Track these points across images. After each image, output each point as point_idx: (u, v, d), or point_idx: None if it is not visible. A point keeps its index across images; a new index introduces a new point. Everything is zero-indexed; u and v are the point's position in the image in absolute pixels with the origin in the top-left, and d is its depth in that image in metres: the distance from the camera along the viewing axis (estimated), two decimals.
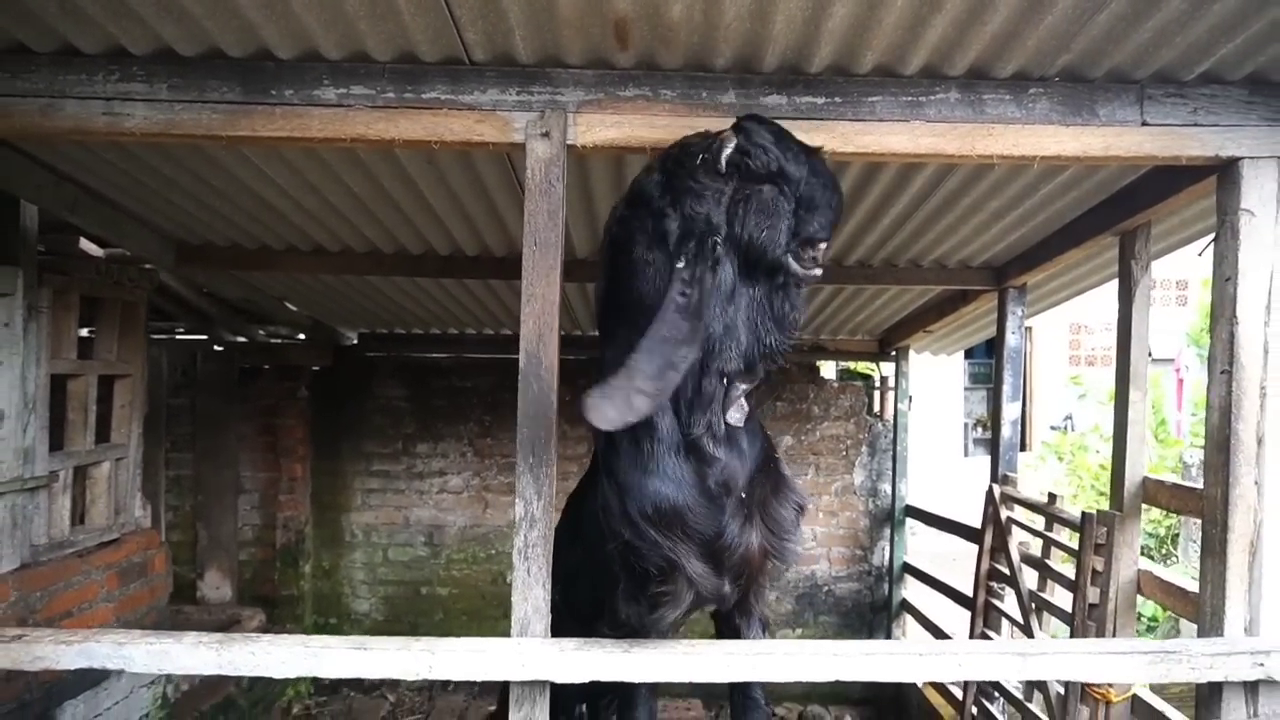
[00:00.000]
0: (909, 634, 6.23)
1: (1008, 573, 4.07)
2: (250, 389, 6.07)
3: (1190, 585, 2.88)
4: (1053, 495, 3.94)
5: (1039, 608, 3.78)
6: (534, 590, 2.29)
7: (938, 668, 2.32)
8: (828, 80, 2.36)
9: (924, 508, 5.95)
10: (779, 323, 2.05)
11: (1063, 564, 3.69)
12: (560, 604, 2.89)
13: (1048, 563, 3.78)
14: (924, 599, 5.94)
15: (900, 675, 2.25)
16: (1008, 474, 4.38)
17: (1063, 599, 3.59)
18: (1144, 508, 3.34)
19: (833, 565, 6.33)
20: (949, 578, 5.38)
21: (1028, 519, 4.19)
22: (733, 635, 2.62)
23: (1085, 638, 3.26)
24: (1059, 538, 3.73)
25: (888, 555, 6.27)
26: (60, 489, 3.68)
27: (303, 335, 6.09)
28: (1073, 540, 3.53)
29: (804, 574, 6.30)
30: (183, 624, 5.07)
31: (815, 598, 6.32)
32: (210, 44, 2.26)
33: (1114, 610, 3.23)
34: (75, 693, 3.58)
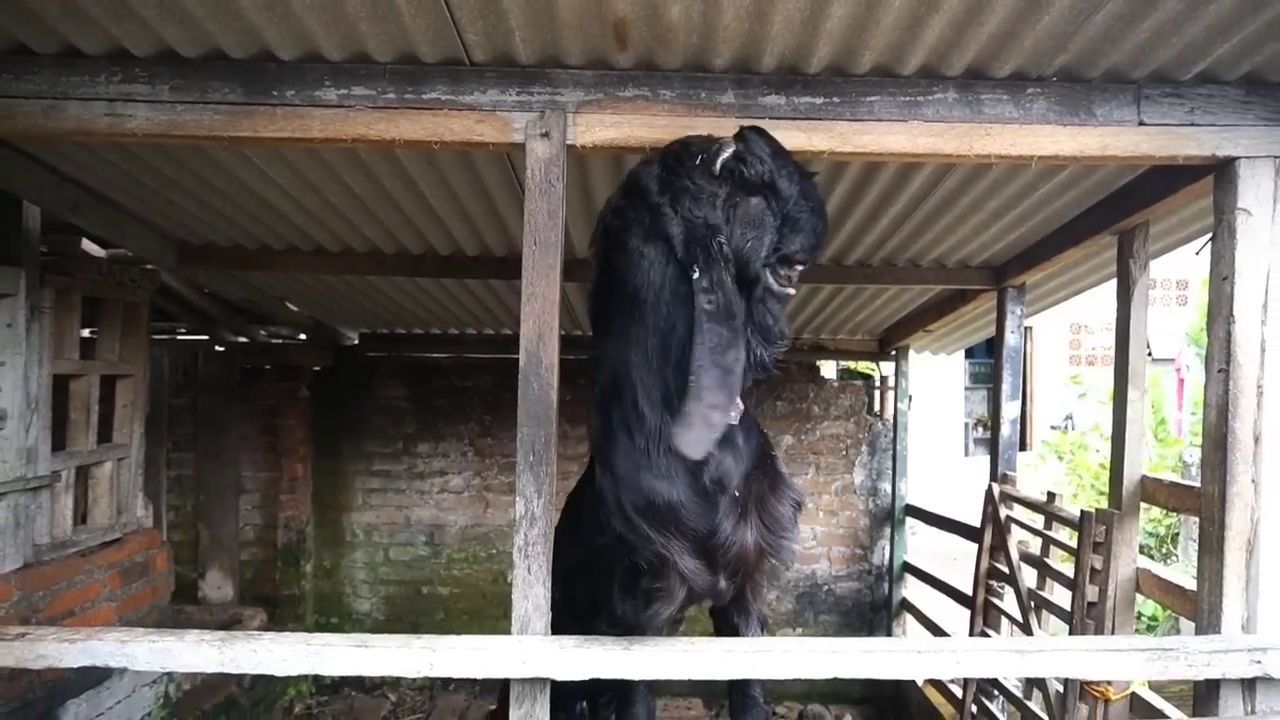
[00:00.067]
0: (909, 633, 6.24)
1: (1007, 571, 4.08)
2: (251, 389, 6.08)
3: (1189, 583, 2.89)
4: (1051, 494, 3.95)
5: (1038, 606, 3.79)
6: (534, 588, 2.30)
7: (936, 665, 2.34)
8: (826, 80, 2.37)
9: (924, 507, 5.96)
10: (764, 333, 2.07)
11: (1062, 563, 3.70)
12: (560, 602, 2.91)
13: (1047, 561, 3.79)
14: (924, 598, 5.95)
15: (899, 672, 2.26)
16: (1007, 473, 4.39)
17: (1062, 597, 3.60)
18: (1145, 507, 3.36)
19: (833, 564, 6.34)
20: (950, 577, 5.39)
21: (1027, 518, 4.20)
22: (731, 634, 2.63)
23: (1084, 636, 3.27)
24: (1058, 536, 3.74)
25: (888, 554, 6.28)
26: (63, 489, 3.69)
27: (304, 335, 6.11)
28: (1072, 539, 3.54)
29: (804, 573, 6.31)
30: (184, 623, 5.08)
31: (815, 597, 6.33)
32: (212, 45, 2.28)
33: (1113, 608, 3.24)
34: (78, 691, 3.60)
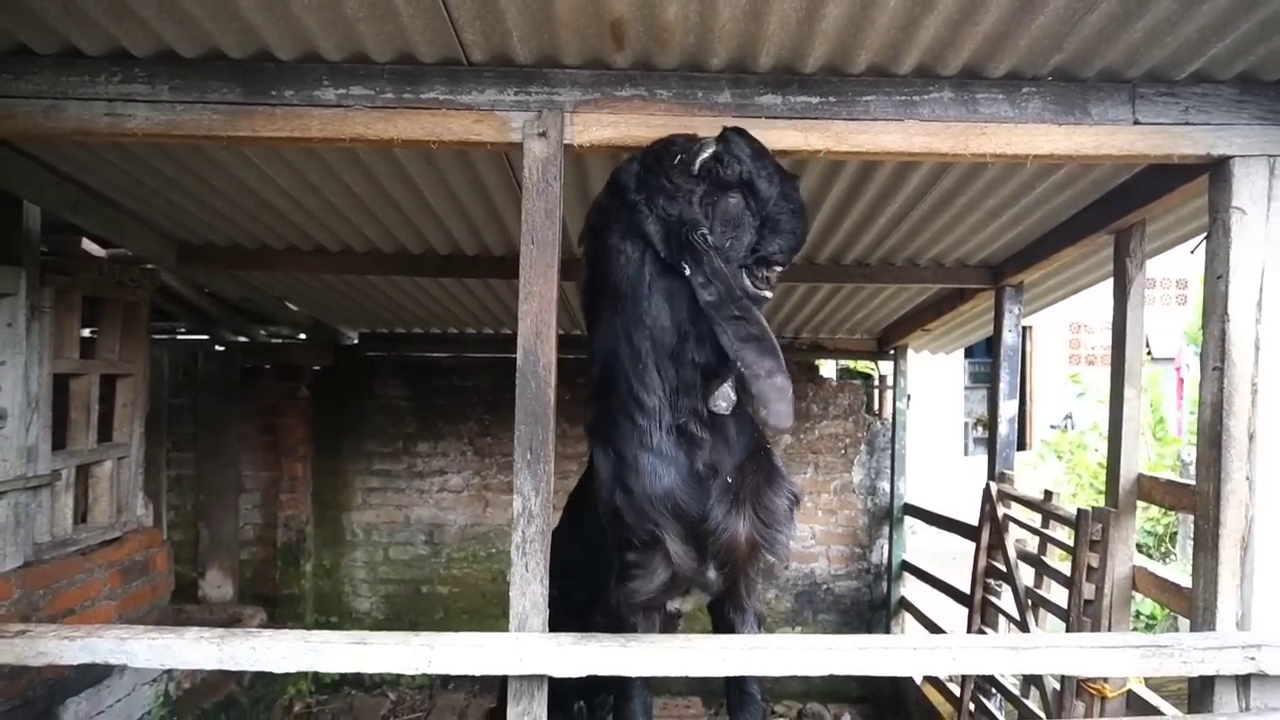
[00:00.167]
0: (908, 632, 6.25)
1: (1005, 570, 4.09)
2: (251, 388, 6.09)
3: (1185, 581, 2.90)
4: (1049, 492, 3.96)
5: (1035, 604, 3.80)
6: (532, 586, 2.31)
7: (932, 662, 2.35)
8: (822, 80, 2.38)
9: (924, 506, 5.97)
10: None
11: (1059, 561, 3.71)
12: (559, 600, 2.92)
13: (1044, 559, 3.80)
14: (923, 597, 5.96)
15: (894, 669, 2.27)
16: (1005, 471, 4.40)
17: (1059, 595, 3.61)
18: (1144, 506, 3.36)
19: (832, 563, 6.35)
20: (949, 576, 5.40)
21: (1025, 516, 4.21)
22: (728, 631, 2.63)
23: (1079, 633, 3.28)
24: (1055, 535, 3.75)
25: (886, 553, 6.29)
26: (63, 488, 3.71)
27: (304, 335, 6.12)
28: (1069, 537, 3.55)
29: (803, 572, 6.32)
30: (184, 622, 5.08)
31: (814, 596, 6.34)
32: (211, 45, 2.29)
33: (1109, 606, 3.25)
34: (78, 690, 3.61)
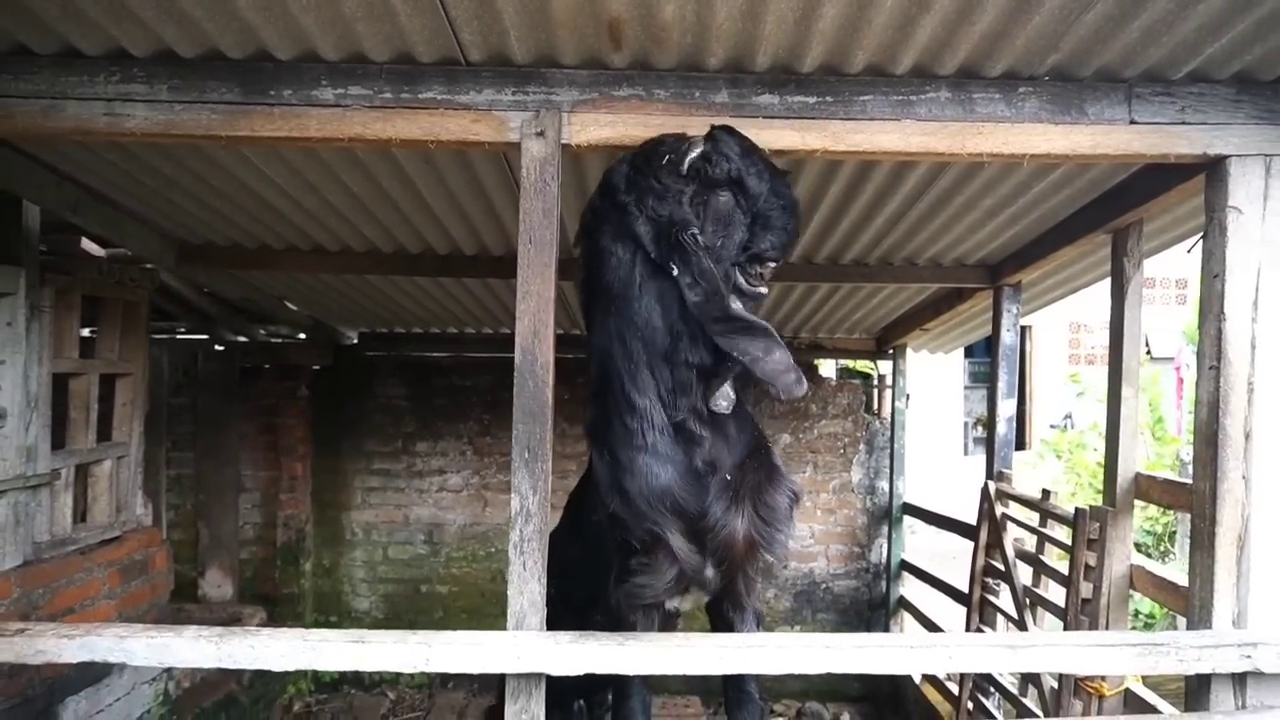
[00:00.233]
0: (907, 631, 6.25)
1: (1003, 569, 4.10)
2: (251, 388, 6.10)
3: (1182, 580, 2.90)
4: (1046, 491, 3.96)
5: (1033, 603, 3.81)
6: (529, 584, 2.32)
7: (929, 660, 2.35)
8: (819, 80, 2.39)
9: (924, 506, 5.97)
10: None
11: (1058, 560, 3.72)
12: (559, 599, 2.93)
13: (1042, 558, 3.80)
14: (922, 596, 5.96)
15: (891, 667, 2.27)
16: (1003, 471, 4.40)
17: (1057, 594, 3.62)
18: (1144, 506, 3.37)
19: (831, 563, 6.36)
20: (949, 576, 5.40)
21: (1023, 515, 4.22)
22: (726, 629, 2.64)
23: (1076, 631, 3.28)
24: (1053, 534, 3.76)
25: (885, 553, 6.30)
26: (62, 487, 3.71)
27: (303, 335, 6.12)
28: (1067, 536, 3.56)
29: (802, 571, 6.33)
30: (184, 621, 5.04)
31: (813, 595, 6.35)
32: (210, 45, 2.29)
33: (1107, 605, 3.26)
34: (77, 689, 3.62)
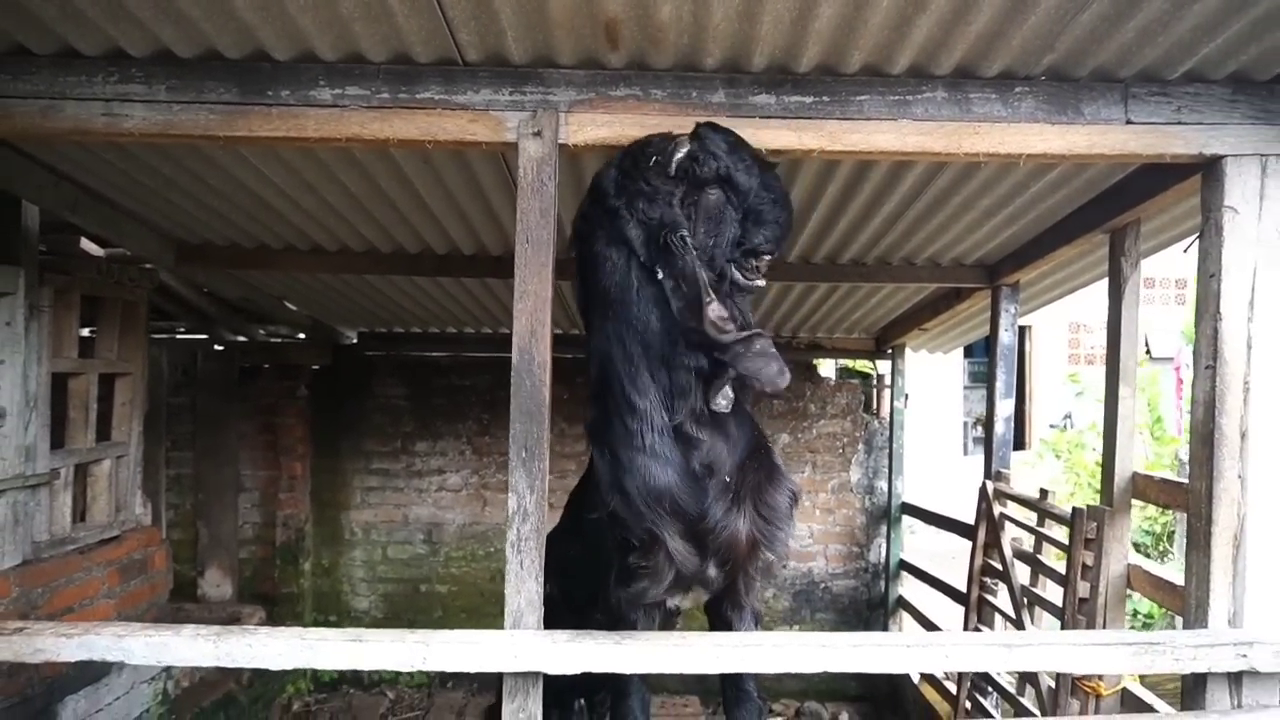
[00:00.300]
0: (905, 631, 6.26)
1: (1001, 568, 4.10)
2: (250, 388, 6.11)
3: (1179, 579, 2.91)
4: (1044, 491, 3.97)
5: (1031, 602, 3.81)
6: (527, 583, 2.32)
7: (925, 659, 2.36)
8: (816, 80, 2.39)
9: (924, 506, 5.97)
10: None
11: (1056, 560, 3.72)
12: (559, 598, 2.94)
13: (1040, 558, 3.81)
14: (921, 596, 5.96)
15: (887, 666, 2.27)
16: (1001, 470, 4.40)
17: (1054, 594, 3.62)
18: (1143, 505, 3.38)
19: (829, 562, 6.36)
20: (949, 575, 5.39)
21: (1021, 515, 4.22)
22: (725, 628, 2.65)
23: (1073, 630, 3.29)
24: (1051, 533, 3.76)
25: (884, 552, 6.30)
26: (61, 486, 3.72)
27: (302, 334, 6.13)
28: (1066, 536, 3.56)
29: (801, 571, 6.33)
30: (183, 621, 5.07)
31: (812, 595, 6.35)
32: (208, 46, 2.30)
33: (1104, 604, 3.26)
34: (76, 688, 3.62)
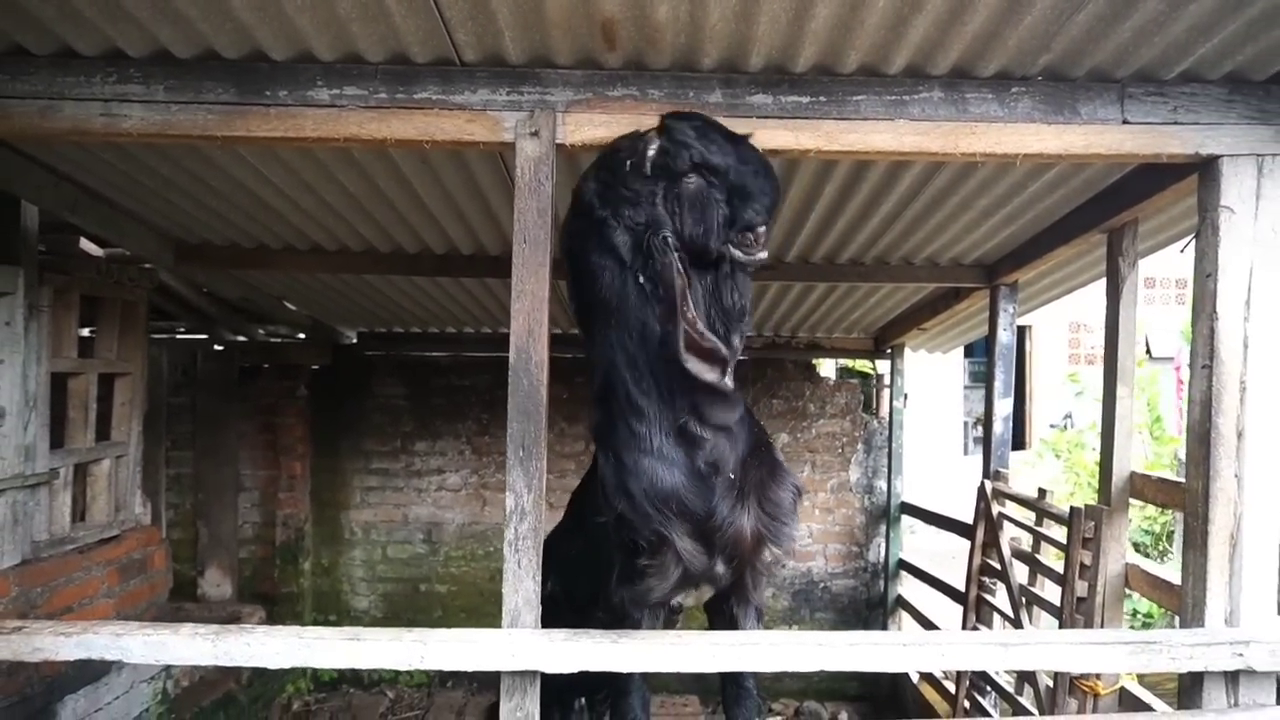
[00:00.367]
0: (904, 630, 6.26)
1: (999, 567, 4.11)
2: (250, 388, 6.11)
3: (1177, 578, 2.91)
4: (1042, 490, 3.97)
5: (1029, 602, 3.82)
6: (524, 582, 2.33)
7: (921, 657, 2.36)
8: (813, 80, 2.40)
9: (924, 506, 5.97)
10: (726, 314, 2.12)
11: (1054, 559, 3.72)
12: (562, 596, 2.95)
13: (1038, 557, 3.81)
14: (920, 595, 5.97)
15: (884, 665, 2.28)
16: (999, 470, 4.41)
17: (1052, 593, 3.63)
18: (1142, 505, 3.38)
19: (829, 562, 6.36)
20: (949, 575, 5.39)
21: (1020, 514, 4.23)
22: (728, 624, 2.66)
23: (1070, 629, 3.29)
24: (1049, 532, 3.76)
25: (883, 552, 6.30)
26: (61, 486, 3.73)
27: (302, 334, 6.14)
28: (1063, 535, 3.57)
29: (800, 570, 6.34)
30: (183, 620, 5.09)
31: (811, 594, 6.36)
32: (205, 46, 2.31)
33: (1102, 603, 3.27)
34: (76, 687, 3.63)
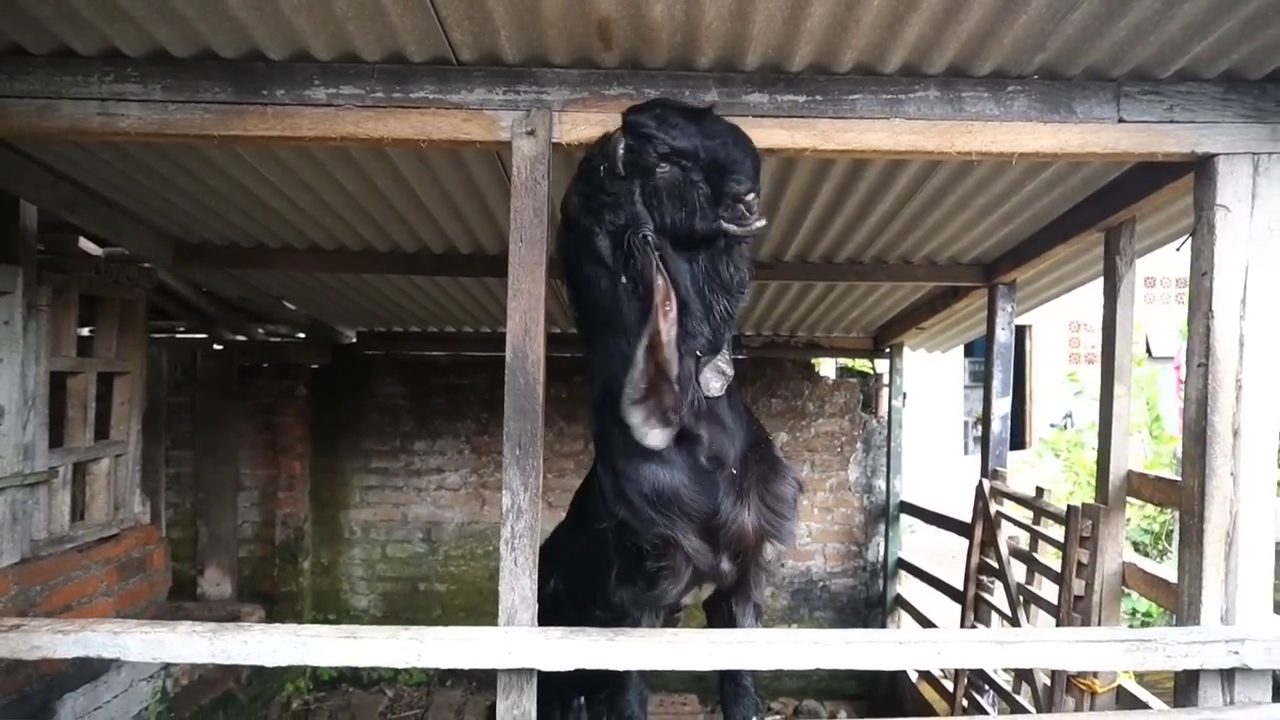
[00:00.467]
0: (903, 629, 6.26)
1: (997, 566, 4.11)
2: (250, 387, 6.12)
3: (1174, 577, 2.91)
4: (1040, 489, 3.97)
5: (1027, 600, 3.82)
6: (521, 580, 2.33)
7: (917, 655, 2.37)
8: (809, 79, 2.40)
9: (924, 505, 5.97)
10: (725, 288, 2.12)
11: (1052, 558, 3.73)
12: (564, 594, 2.95)
13: (1036, 556, 3.81)
14: (919, 595, 5.97)
15: (880, 663, 2.28)
16: (997, 469, 4.41)
17: (1050, 592, 3.63)
18: (1141, 505, 3.38)
19: (828, 561, 6.37)
20: (948, 574, 5.38)
21: (1018, 513, 4.23)
22: (727, 621, 2.66)
23: (1066, 628, 3.29)
24: (1047, 531, 3.77)
25: (882, 551, 6.31)
26: (60, 485, 3.73)
27: (301, 334, 6.14)
28: (1061, 534, 3.57)
29: (799, 569, 6.34)
30: (182, 619, 5.09)
31: (810, 593, 6.36)
32: (203, 45, 2.31)
33: (1099, 602, 3.27)
34: (75, 686, 3.63)
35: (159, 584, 4.45)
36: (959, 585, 4.85)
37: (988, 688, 4.19)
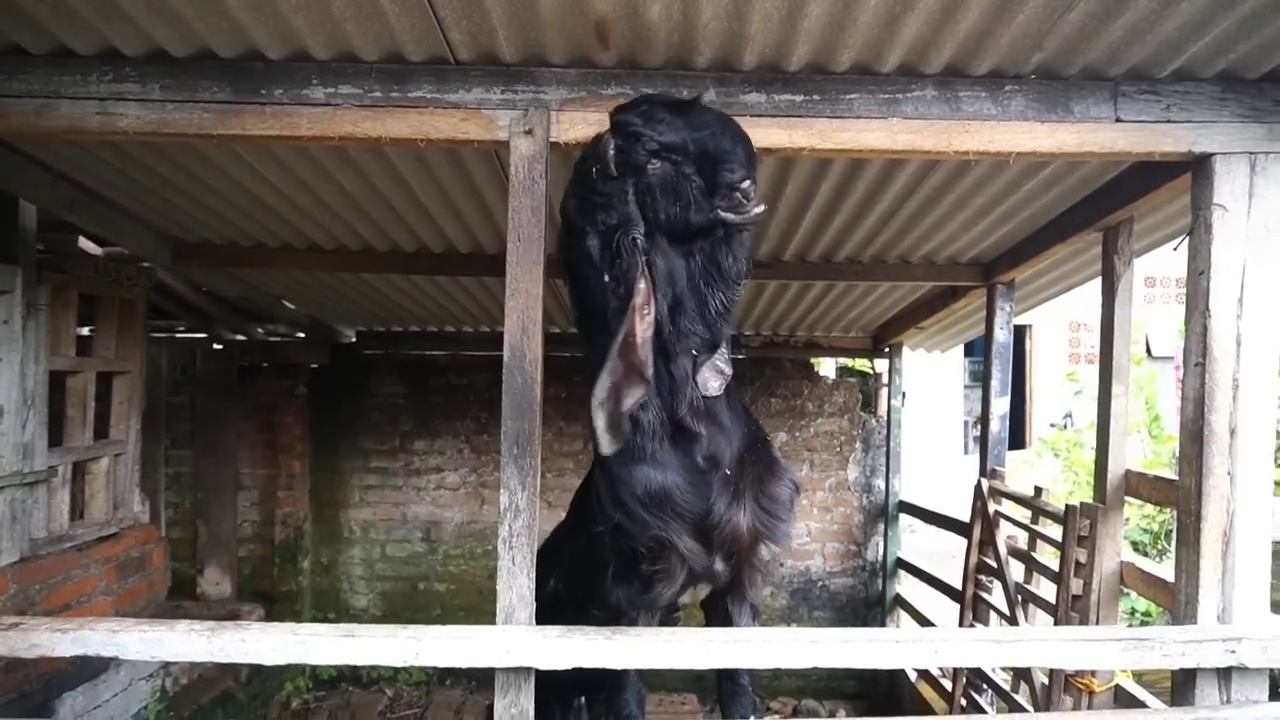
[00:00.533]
0: (902, 628, 6.27)
1: (995, 566, 4.11)
2: (249, 387, 6.12)
3: (1172, 576, 2.91)
4: (1038, 488, 3.98)
5: (1025, 599, 3.82)
6: (518, 579, 2.34)
7: (915, 654, 2.37)
8: (806, 78, 2.41)
9: (924, 505, 5.97)
10: (724, 279, 2.11)
11: (1050, 557, 3.73)
12: (563, 593, 2.96)
13: (1034, 555, 3.82)
14: (918, 594, 5.97)
15: (877, 662, 2.28)
16: (996, 468, 4.41)
17: (1048, 591, 3.63)
18: (1140, 504, 3.38)
19: (827, 561, 6.37)
20: (948, 574, 5.39)
21: (1016, 513, 4.23)
22: (724, 621, 2.66)
23: (1064, 627, 3.30)
24: (1045, 531, 3.77)
25: (882, 551, 6.31)
26: (59, 484, 3.74)
27: (301, 333, 6.15)
28: (1060, 533, 3.57)
29: (798, 569, 6.34)
30: (181, 618, 5.11)
31: (810, 593, 6.36)
32: (201, 45, 2.32)
33: (1097, 601, 3.27)
34: (74, 684, 3.64)
35: (158, 583, 4.45)
36: (958, 585, 4.85)
37: (986, 687, 4.19)
